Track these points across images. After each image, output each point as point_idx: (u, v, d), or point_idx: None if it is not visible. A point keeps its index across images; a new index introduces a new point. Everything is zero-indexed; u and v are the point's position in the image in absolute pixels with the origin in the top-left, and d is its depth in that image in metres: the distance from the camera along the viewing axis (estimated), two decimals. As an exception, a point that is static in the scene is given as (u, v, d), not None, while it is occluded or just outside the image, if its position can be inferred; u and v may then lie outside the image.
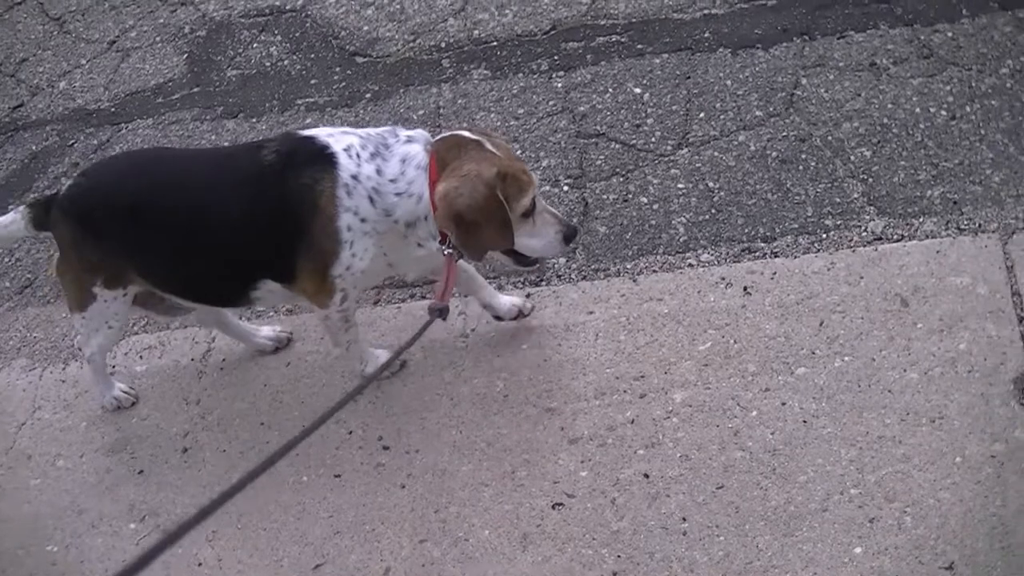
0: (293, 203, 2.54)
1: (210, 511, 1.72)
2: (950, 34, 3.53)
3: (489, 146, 2.57)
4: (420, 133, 2.63)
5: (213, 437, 3.03)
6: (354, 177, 2.52)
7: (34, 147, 4.12)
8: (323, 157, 2.54)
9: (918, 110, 3.33)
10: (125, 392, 3.16)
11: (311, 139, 2.60)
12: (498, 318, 3.01)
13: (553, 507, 2.64)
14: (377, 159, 2.55)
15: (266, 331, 3.21)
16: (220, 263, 2.70)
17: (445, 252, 2.56)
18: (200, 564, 2.77)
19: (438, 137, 2.62)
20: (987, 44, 3.47)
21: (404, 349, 2.51)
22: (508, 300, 3.01)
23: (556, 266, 3.18)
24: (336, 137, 2.58)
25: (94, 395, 3.17)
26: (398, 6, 4.22)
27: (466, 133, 2.61)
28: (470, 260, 2.74)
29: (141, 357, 3.29)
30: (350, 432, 2.94)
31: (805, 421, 2.65)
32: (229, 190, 2.62)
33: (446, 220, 2.50)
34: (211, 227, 2.64)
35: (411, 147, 2.57)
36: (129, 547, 2.83)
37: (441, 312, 2.53)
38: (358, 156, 2.54)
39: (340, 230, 2.55)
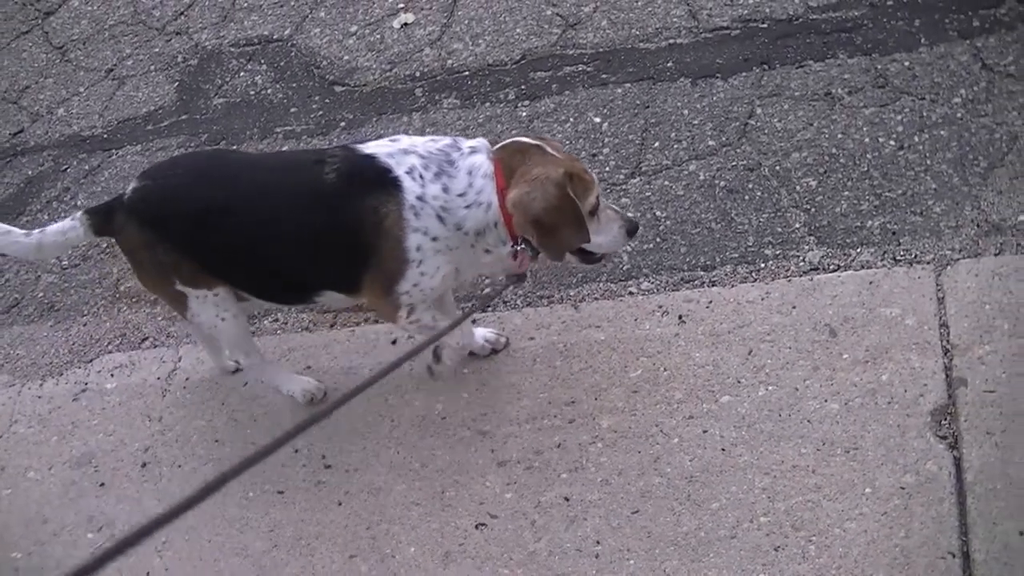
0: (357, 226, 2.60)
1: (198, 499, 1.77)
2: (907, 63, 3.57)
3: (549, 149, 2.64)
4: (481, 142, 2.68)
5: (171, 452, 3.18)
6: (420, 199, 2.58)
7: (30, 172, 4.33)
8: (387, 181, 2.59)
9: (867, 140, 3.38)
10: (315, 385, 3.15)
11: (372, 159, 2.63)
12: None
13: (476, 527, 2.74)
14: (443, 177, 2.60)
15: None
16: (283, 273, 2.79)
17: (517, 248, 2.65)
18: (148, 573, 2.91)
19: (498, 145, 2.69)
20: (943, 74, 3.50)
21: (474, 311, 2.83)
22: (480, 336, 3.10)
23: (503, 292, 3.28)
24: (396, 158, 2.61)
25: (284, 392, 3.16)
26: (378, 36, 4.36)
27: (525, 139, 2.69)
28: (550, 260, 2.76)
29: (112, 375, 3.46)
30: (296, 450, 3.06)
31: (724, 449, 2.72)
32: (292, 207, 2.66)
33: (525, 225, 2.57)
34: (275, 241, 2.70)
35: (475, 158, 2.63)
36: (84, 555, 2.97)
37: (519, 279, 2.77)
38: (421, 177, 2.59)
39: (409, 250, 2.60)
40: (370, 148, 2.67)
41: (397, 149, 2.64)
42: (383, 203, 2.57)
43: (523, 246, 2.65)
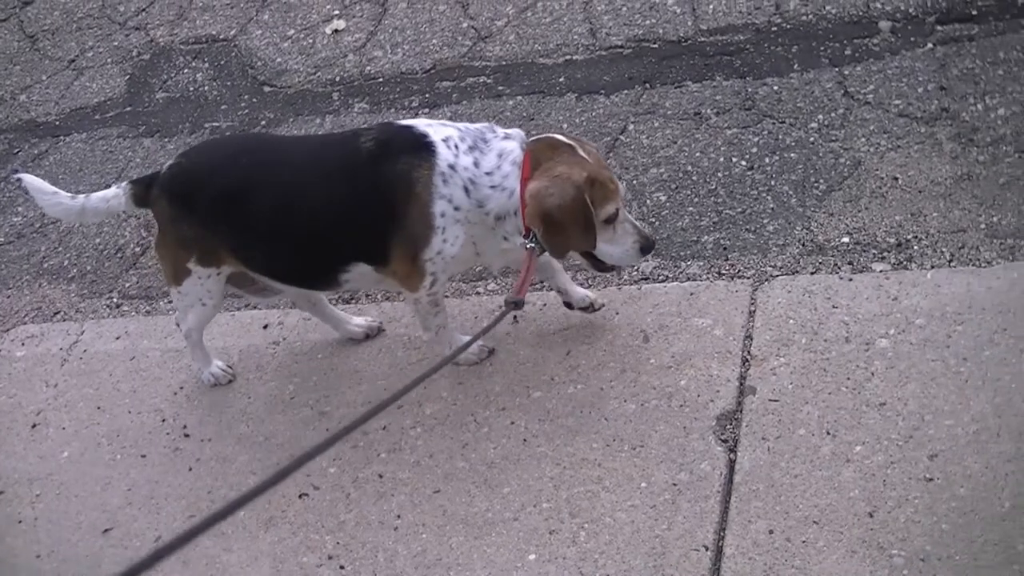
0: (390, 189, 2.71)
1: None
2: (776, 88, 3.77)
3: (581, 152, 2.74)
4: (517, 132, 2.80)
5: (59, 416, 3.52)
6: (451, 167, 2.69)
7: (-16, 154, 4.74)
8: (422, 145, 2.71)
9: (722, 159, 3.58)
10: (223, 370, 3.39)
11: (409, 128, 2.78)
12: (568, 305, 3.17)
13: (299, 496, 3.03)
14: (475, 152, 2.72)
15: (358, 320, 3.39)
16: (314, 247, 2.89)
17: (527, 246, 2.74)
18: (20, 522, 3.25)
19: (533, 138, 2.81)
20: (806, 99, 3.69)
21: (479, 336, 2.75)
22: (583, 292, 3.17)
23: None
24: (435, 128, 2.76)
25: (193, 369, 3.46)
26: (310, 41, 4.66)
27: (561, 137, 2.80)
28: (552, 257, 2.92)
29: (23, 344, 3.81)
30: (163, 419, 3.38)
31: (525, 440, 2.96)
32: (326, 177, 2.78)
33: (534, 218, 2.66)
34: (306, 213, 2.82)
35: (508, 143, 2.74)
36: (-31, 505, 3.34)
37: (516, 305, 2.72)
38: (456, 147, 2.71)
39: (434, 216, 2.71)
40: (408, 121, 2.84)
41: (436, 123, 2.80)
42: (416, 166, 2.69)
43: (532, 241, 2.77)
